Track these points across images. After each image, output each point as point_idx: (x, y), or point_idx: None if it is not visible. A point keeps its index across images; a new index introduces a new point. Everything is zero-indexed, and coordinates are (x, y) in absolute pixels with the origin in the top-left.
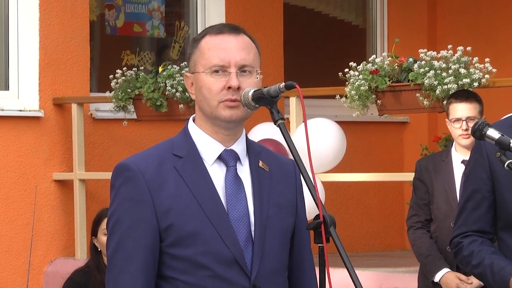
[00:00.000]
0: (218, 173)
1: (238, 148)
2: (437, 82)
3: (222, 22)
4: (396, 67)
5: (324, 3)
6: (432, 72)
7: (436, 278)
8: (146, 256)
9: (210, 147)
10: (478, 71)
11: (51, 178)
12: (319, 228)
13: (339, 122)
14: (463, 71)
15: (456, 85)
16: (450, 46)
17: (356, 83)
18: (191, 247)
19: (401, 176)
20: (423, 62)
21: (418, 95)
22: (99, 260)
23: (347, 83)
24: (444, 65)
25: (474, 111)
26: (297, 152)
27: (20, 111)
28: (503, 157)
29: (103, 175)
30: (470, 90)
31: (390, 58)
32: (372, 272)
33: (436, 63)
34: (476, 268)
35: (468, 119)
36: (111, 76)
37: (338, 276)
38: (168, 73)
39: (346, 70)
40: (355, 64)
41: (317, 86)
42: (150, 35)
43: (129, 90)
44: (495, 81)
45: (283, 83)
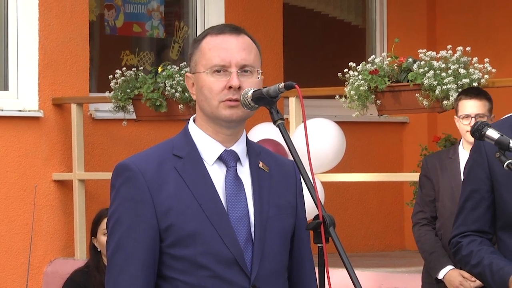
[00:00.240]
0: (218, 173)
1: (238, 148)
2: (436, 82)
3: (221, 22)
4: (395, 67)
5: (323, 3)
6: (431, 72)
7: (440, 275)
8: (146, 256)
9: (210, 148)
10: (478, 71)
11: (50, 178)
12: (319, 228)
13: (338, 122)
14: (462, 71)
15: (455, 85)
16: (449, 46)
17: (356, 83)
18: (191, 247)
19: (400, 176)
20: (423, 62)
21: (417, 95)
22: (98, 260)
23: (346, 83)
24: (443, 65)
25: (484, 108)
26: (296, 152)
27: (20, 111)
28: (502, 157)
29: (102, 175)
30: (480, 88)
31: (389, 58)
32: (371, 272)
33: (435, 63)
34: (475, 267)
35: (477, 116)
36: (111, 76)
37: (338, 276)
38: (167, 73)
39: (346, 70)
40: (354, 64)
41: (316, 86)
42: (150, 35)
43: (128, 90)
44: (494, 81)
45: (283, 83)
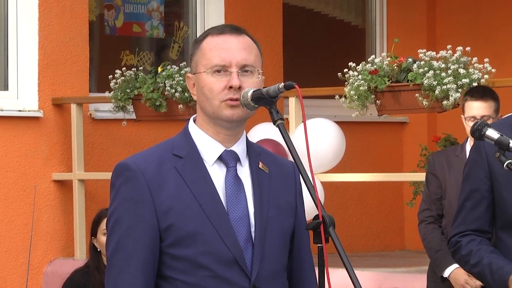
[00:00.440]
0: (218, 173)
1: (239, 149)
2: (436, 82)
3: (221, 22)
4: (395, 67)
5: (323, 3)
6: (431, 72)
7: (446, 274)
8: (146, 256)
9: (210, 148)
10: (478, 71)
11: (50, 178)
12: (318, 228)
13: (338, 122)
14: (462, 71)
15: (455, 85)
16: (449, 46)
17: (356, 83)
18: (191, 247)
19: (400, 176)
20: (422, 62)
21: (417, 95)
22: (98, 260)
23: (346, 83)
24: (443, 65)
25: (489, 109)
26: (296, 152)
27: (20, 111)
28: (502, 157)
29: (102, 175)
30: (486, 87)
31: (389, 58)
32: (371, 272)
33: (435, 63)
34: (475, 267)
35: (483, 118)
36: (110, 76)
37: (338, 276)
38: (167, 73)
39: (346, 70)
40: (354, 64)
41: (316, 86)
42: (150, 35)
43: (128, 90)
44: (494, 81)
45: (283, 83)
